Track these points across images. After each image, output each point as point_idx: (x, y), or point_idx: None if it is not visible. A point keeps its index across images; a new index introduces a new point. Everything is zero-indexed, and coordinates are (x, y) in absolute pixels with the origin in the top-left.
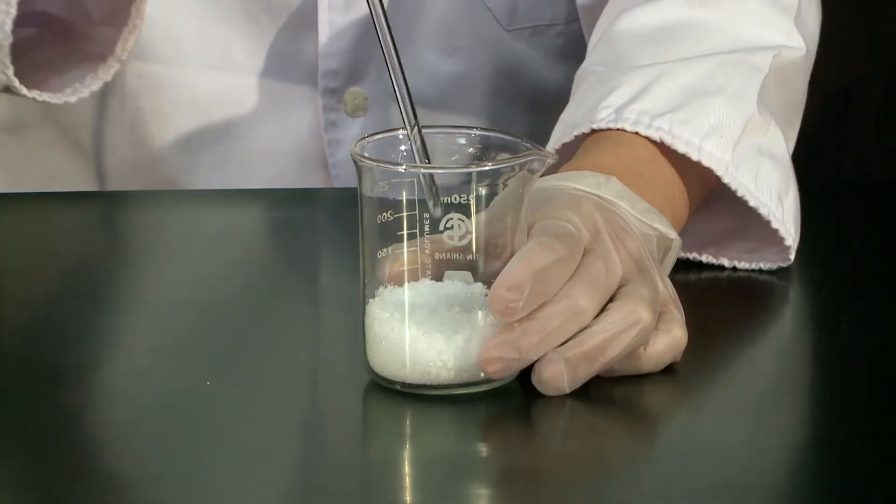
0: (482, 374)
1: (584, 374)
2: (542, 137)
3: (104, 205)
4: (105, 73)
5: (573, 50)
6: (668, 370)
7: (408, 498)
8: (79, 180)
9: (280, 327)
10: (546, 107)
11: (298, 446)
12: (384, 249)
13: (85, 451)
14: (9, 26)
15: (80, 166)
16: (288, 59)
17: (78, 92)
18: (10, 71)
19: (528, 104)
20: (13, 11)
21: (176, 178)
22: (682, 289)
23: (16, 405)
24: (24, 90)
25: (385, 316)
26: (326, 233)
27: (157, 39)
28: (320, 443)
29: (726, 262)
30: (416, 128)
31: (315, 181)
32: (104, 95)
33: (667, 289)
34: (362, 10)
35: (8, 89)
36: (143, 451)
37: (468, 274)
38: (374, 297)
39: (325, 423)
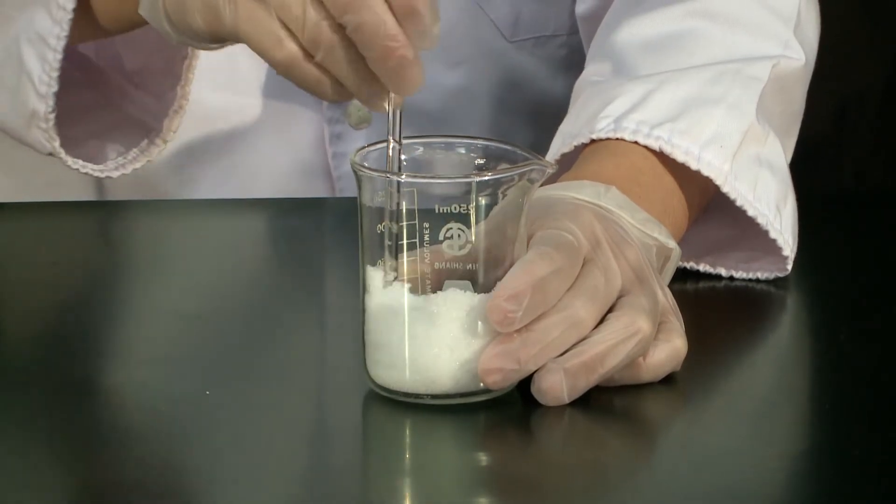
0: (481, 384)
1: (584, 384)
2: (545, 149)
3: (106, 214)
4: (151, 154)
5: (576, 61)
6: (668, 380)
7: None
8: (81, 190)
9: (281, 336)
10: (550, 118)
11: (298, 455)
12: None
13: (84, 461)
14: (52, 99)
15: (82, 176)
16: None
17: (122, 168)
18: (57, 143)
19: (531, 116)
20: (55, 86)
21: (177, 191)
22: (680, 298)
23: (16, 413)
24: (70, 160)
25: (385, 325)
26: (329, 242)
27: None
28: (320, 452)
29: (723, 272)
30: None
31: (319, 194)
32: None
33: (666, 299)
34: None
35: (51, 154)
36: (143, 460)
37: (468, 284)
38: (373, 306)
39: (325, 432)
